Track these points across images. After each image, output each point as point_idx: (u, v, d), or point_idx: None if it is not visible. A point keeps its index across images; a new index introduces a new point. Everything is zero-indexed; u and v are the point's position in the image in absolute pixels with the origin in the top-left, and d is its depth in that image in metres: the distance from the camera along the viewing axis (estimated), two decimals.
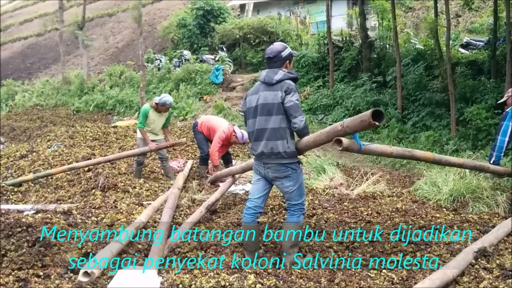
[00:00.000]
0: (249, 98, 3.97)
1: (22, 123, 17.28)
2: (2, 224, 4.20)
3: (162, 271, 3.68)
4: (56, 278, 3.43)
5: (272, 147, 3.74)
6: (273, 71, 3.78)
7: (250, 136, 3.99)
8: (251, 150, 4.01)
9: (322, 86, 13.47)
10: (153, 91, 17.06)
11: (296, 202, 3.87)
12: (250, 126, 3.96)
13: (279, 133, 3.73)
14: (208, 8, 19.49)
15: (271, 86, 3.76)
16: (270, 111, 3.74)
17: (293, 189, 3.83)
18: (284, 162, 3.77)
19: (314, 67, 14.20)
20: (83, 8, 21.56)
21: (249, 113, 3.96)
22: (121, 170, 7.57)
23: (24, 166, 8.23)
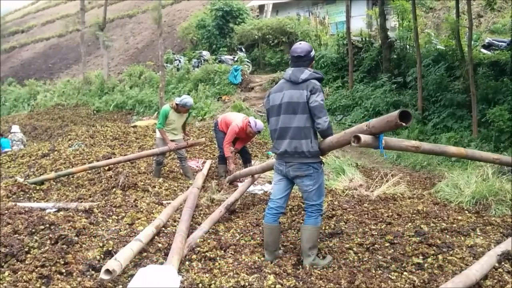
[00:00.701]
0: (272, 96, 3.93)
1: (43, 123, 17.56)
2: (25, 221, 4.27)
3: (182, 270, 3.70)
4: (78, 276, 3.47)
5: (296, 146, 3.72)
6: (299, 70, 3.76)
7: (272, 134, 3.95)
8: (273, 149, 3.97)
9: (341, 87, 13.40)
10: (172, 91, 17.18)
11: (314, 202, 3.84)
12: (272, 124, 3.92)
13: (303, 132, 3.70)
14: (227, 9, 19.54)
15: (296, 84, 3.73)
16: (295, 109, 3.71)
17: (313, 189, 3.80)
18: (306, 161, 3.74)
19: (333, 68, 14.13)
20: (104, 9, 21.82)
21: (272, 111, 3.92)
22: (141, 170, 7.63)
23: (46, 165, 8.36)
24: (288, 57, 17.59)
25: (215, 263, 3.84)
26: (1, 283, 3.29)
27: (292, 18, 18.97)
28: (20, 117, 19.77)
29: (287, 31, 17.94)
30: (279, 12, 22.24)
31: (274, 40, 18.36)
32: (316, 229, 3.89)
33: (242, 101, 14.61)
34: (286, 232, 4.68)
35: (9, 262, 3.59)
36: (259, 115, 13.23)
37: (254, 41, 18.96)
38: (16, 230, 4.12)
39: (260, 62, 18.66)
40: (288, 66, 15.67)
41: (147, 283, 3.20)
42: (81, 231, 4.28)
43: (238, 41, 19.35)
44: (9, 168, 9.22)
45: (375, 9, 15.01)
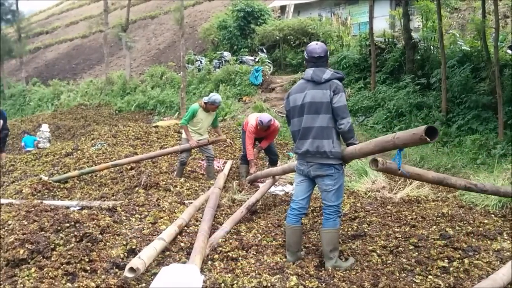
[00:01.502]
0: (293, 96, 3.92)
1: (67, 122, 17.86)
2: (51, 219, 4.33)
3: (204, 270, 3.71)
4: (102, 273, 3.50)
5: (318, 145, 3.71)
6: (321, 70, 3.75)
7: (295, 135, 3.93)
8: (295, 149, 3.95)
9: (363, 88, 13.29)
10: (193, 91, 17.29)
11: (332, 203, 3.81)
12: (295, 124, 3.91)
13: (326, 132, 3.70)
14: (249, 10, 19.57)
15: (319, 84, 3.72)
16: (318, 109, 3.70)
17: (333, 189, 3.78)
18: (328, 162, 3.73)
19: (355, 69, 14.02)
20: (127, 10, 22.09)
21: (293, 112, 3.91)
22: (162, 169, 7.68)
23: (69, 164, 8.49)
24: None
25: (237, 263, 3.84)
26: (28, 279, 3.34)
27: (314, 19, 18.90)
28: (44, 117, 20.15)
29: (309, 32, 17.87)
30: (300, 13, 22.17)
31: (295, 41, 18.31)
32: (335, 231, 3.86)
33: (263, 102, 14.60)
34: (308, 234, 4.66)
35: (35, 259, 3.64)
36: (279, 116, 13.20)
37: (275, 42, 18.94)
38: (42, 227, 4.19)
39: (281, 63, 18.63)
40: None
41: (170, 282, 3.21)
42: (105, 229, 4.33)
43: (259, 42, 19.36)
44: (33, 166, 9.39)
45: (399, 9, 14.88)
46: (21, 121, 20.72)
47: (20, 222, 4.40)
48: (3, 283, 3.36)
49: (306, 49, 3.90)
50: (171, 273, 3.31)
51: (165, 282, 3.21)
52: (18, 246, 3.73)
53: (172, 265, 3.49)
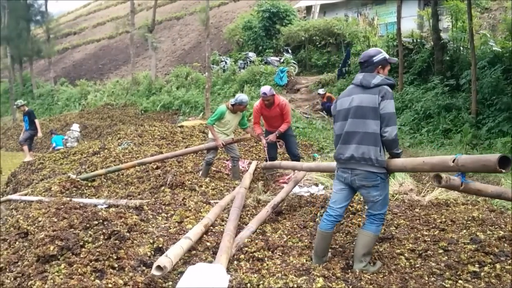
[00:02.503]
0: (340, 100, 3.84)
1: (93, 121, 18.17)
2: (80, 216, 4.39)
3: (230, 269, 3.70)
4: (129, 271, 3.53)
5: (364, 152, 3.58)
6: (371, 75, 3.66)
7: (337, 140, 3.82)
8: (337, 155, 3.80)
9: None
10: (218, 92, 17.37)
11: (378, 212, 3.73)
12: (338, 128, 3.81)
13: (373, 138, 3.57)
14: (274, 10, 19.57)
15: (368, 89, 3.61)
16: (365, 114, 3.59)
17: (379, 199, 3.68)
18: (373, 171, 3.60)
19: None
20: (153, 11, 22.33)
21: (338, 116, 3.82)
22: (188, 169, 7.71)
23: (96, 163, 8.62)
24: (335, 58, 17.63)
25: (263, 264, 3.82)
26: (58, 275, 3.39)
27: (340, 19, 18.77)
28: (72, 116, 20.55)
29: (335, 32, 17.75)
30: (326, 13, 22.05)
31: (321, 41, 18.22)
32: (374, 237, 3.79)
33: None
34: (334, 235, 4.60)
35: (65, 255, 3.69)
36: (305, 117, 13.16)
37: (301, 43, 18.88)
38: (71, 224, 4.25)
39: (306, 63, 18.56)
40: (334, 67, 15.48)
41: (197, 281, 3.21)
42: (133, 228, 4.37)
43: (284, 43, 19.33)
44: (61, 164, 9.57)
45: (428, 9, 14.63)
46: (49, 120, 21.19)
47: (50, 219, 4.48)
48: (34, 278, 3.42)
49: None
50: (198, 272, 3.31)
51: (191, 281, 3.21)
52: (48, 242, 3.79)
53: (198, 264, 3.49)
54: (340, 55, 17.17)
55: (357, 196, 5.76)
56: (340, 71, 15.20)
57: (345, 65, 15.06)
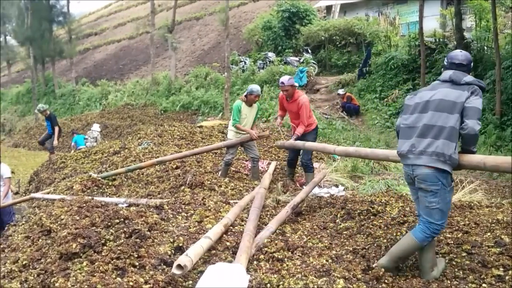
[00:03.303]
0: (421, 93, 3.64)
1: (114, 121, 18.39)
2: (102, 215, 4.43)
3: (250, 269, 3.69)
4: (150, 269, 3.55)
5: (438, 146, 3.35)
6: (463, 73, 3.48)
7: (406, 132, 3.59)
8: (408, 148, 3.51)
9: (412, 89, 12.94)
10: (237, 92, 17.40)
11: (433, 221, 3.45)
12: (413, 121, 3.55)
13: (450, 133, 3.34)
14: (294, 10, 19.51)
15: (457, 85, 3.43)
16: (448, 108, 3.37)
17: (436, 207, 3.42)
18: (442, 168, 3.35)
19: (403, 70, 13.68)
20: (173, 11, 22.49)
21: (414, 107, 3.59)
22: (207, 169, 7.73)
23: (117, 162, 8.71)
24: (356, 58, 17.49)
25: (282, 264, 3.80)
26: (80, 272, 3.42)
27: (360, 19, 18.62)
28: (92, 116, 20.83)
29: (355, 32, 17.61)
30: (347, 13, 21.90)
31: (341, 41, 18.11)
32: (417, 245, 3.53)
33: None
34: (354, 237, 4.56)
35: (87, 253, 3.73)
36: (324, 117, 13.08)
37: (321, 42, 18.78)
38: (93, 222, 4.29)
39: (326, 63, 18.47)
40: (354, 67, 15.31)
41: (217, 280, 3.21)
42: (153, 226, 4.39)
43: (304, 42, 19.26)
44: (83, 164, 9.71)
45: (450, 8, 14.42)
46: (71, 120, 21.51)
47: (73, 217, 4.53)
48: (56, 276, 3.46)
49: (447, 55, 3.67)
50: (218, 272, 3.30)
51: (211, 281, 3.21)
52: (70, 240, 3.84)
53: (218, 264, 3.48)
54: (361, 55, 17.04)
55: (377, 198, 5.71)
56: (360, 71, 15.08)
57: (365, 65, 14.93)
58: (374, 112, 13.06)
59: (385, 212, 5.06)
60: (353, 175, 7.38)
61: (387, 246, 4.08)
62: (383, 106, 13.09)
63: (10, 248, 4.76)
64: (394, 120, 12.11)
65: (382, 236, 4.37)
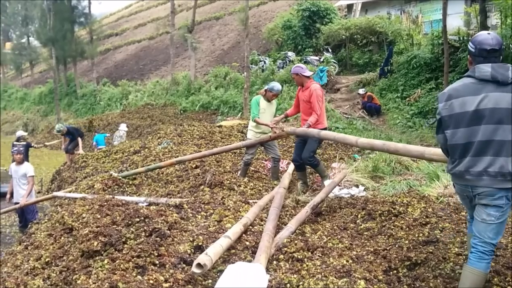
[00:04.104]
0: (459, 100, 2.98)
1: (134, 121, 18.58)
2: (123, 213, 4.47)
3: (269, 269, 3.68)
4: (170, 268, 3.56)
5: (502, 165, 2.87)
6: (503, 66, 2.92)
7: (457, 150, 3.03)
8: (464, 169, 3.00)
9: (435, 89, 12.73)
10: (256, 92, 17.34)
11: (488, 240, 3.00)
12: (459, 136, 2.98)
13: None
14: (314, 9, 19.38)
15: (505, 86, 2.88)
16: (505, 118, 2.86)
17: (494, 222, 2.97)
18: (504, 187, 2.91)
19: (426, 68, 13.47)
20: (193, 12, 22.57)
21: (458, 120, 2.97)
22: (226, 168, 7.75)
23: (137, 161, 8.79)
24: (377, 57, 17.31)
25: (302, 264, 3.78)
26: (101, 270, 3.46)
27: (382, 17, 18.37)
28: (113, 116, 21.08)
29: (377, 31, 17.40)
30: (368, 11, 21.68)
31: (362, 40, 17.91)
32: (484, 275, 3.08)
33: (327, 102, 14.38)
34: (375, 238, 4.50)
35: (108, 251, 3.77)
36: (345, 117, 12.98)
37: (341, 41, 18.62)
38: (114, 221, 4.33)
39: (347, 62, 18.31)
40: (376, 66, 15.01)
41: (236, 280, 3.20)
42: (173, 225, 4.41)
43: (324, 42, 19.12)
44: (104, 163, 9.83)
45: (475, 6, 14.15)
46: (92, 119, 21.80)
47: (94, 215, 4.58)
48: (78, 273, 3.50)
49: (473, 40, 3.05)
50: (237, 271, 3.30)
51: (231, 280, 3.20)
52: (92, 238, 3.88)
53: (238, 263, 3.48)
54: (382, 54, 16.84)
55: (399, 198, 5.62)
56: (382, 70, 14.91)
57: (387, 64, 14.76)
58: (396, 112, 12.90)
59: (407, 213, 4.98)
60: (374, 176, 7.29)
61: (409, 248, 4.02)
62: (405, 106, 12.92)
63: (33, 246, 4.84)
64: (416, 120, 11.95)
65: (404, 237, 4.30)
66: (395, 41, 16.85)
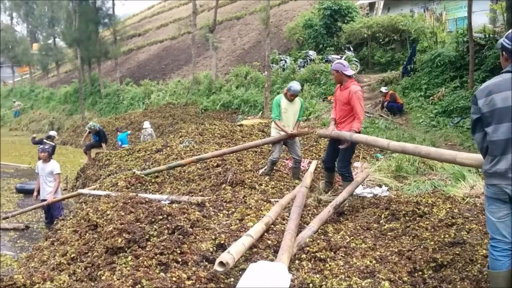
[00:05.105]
0: (499, 95, 2.89)
1: (156, 120, 18.73)
2: (146, 211, 4.51)
3: (291, 269, 3.66)
4: (192, 265, 3.58)
5: None
6: None
7: (498, 147, 2.90)
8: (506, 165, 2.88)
9: (459, 87, 12.48)
10: (277, 91, 17.32)
11: None
12: (503, 132, 2.86)
13: None
14: (336, 8, 19.23)
15: None
16: None
17: None
18: None
19: (450, 67, 13.21)
20: (214, 11, 22.63)
21: (502, 114, 2.86)
22: (247, 167, 7.74)
23: (159, 159, 8.86)
24: (400, 56, 17.07)
25: (325, 264, 3.75)
26: (125, 266, 3.49)
27: (405, 15, 18.11)
28: (136, 115, 21.30)
29: (399, 29, 17.15)
30: (390, 9, 21.40)
31: (384, 38, 17.69)
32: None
33: None
34: (400, 238, 4.44)
35: (131, 248, 3.80)
36: (366, 116, 12.83)
37: (363, 40, 18.42)
38: (138, 218, 4.37)
39: (368, 61, 18.12)
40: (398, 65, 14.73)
41: (258, 278, 3.19)
42: (195, 223, 4.43)
43: (345, 40, 18.96)
44: (127, 161, 9.94)
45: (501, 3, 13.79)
46: (115, 118, 22.09)
47: (118, 212, 4.63)
48: (103, 269, 3.54)
49: (508, 36, 2.98)
50: (259, 270, 3.29)
51: (253, 279, 3.20)
52: (116, 235, 3.92)
53: (260, 262, 3.47)
54: (405, 52, 16.60)
55: (423, 199, 5.53)
56: (405, 68, 14.69)
57: (410, 62, 14.53)
58: (419, 111, 12.69)
59: (431, 214, 4.91)
60: (397, 175, 7.20)
61: (435, 249, 3.95)
62: (428, 105, 12.70)
63: (59, 242, 4.92)
64: (440, 119, 11.73)
65: (429, 238, 4.24)
66: (418, 39, 16.59)
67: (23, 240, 8.01)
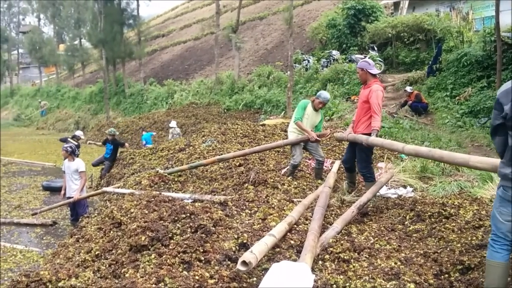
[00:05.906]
0: None
1: (179, 119, 18.87)
2: (169, 209, 4.54)
3: (315, 269, 3.63)
4: (215, 264, 3.58)
5: None
6: None
7: None
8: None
9: (487, 87, 12.22)
10: (299, 91, 17.28)
11: None
12: None
13: None
14: (360, 7, 19.05)
15: None
16: None
17: None
18: None
19: (477, 66, 12.94)
20: (237, 12, 22.70)
21: None
22: (270, 167, 7.73)
23: (182, 159, 8.91)
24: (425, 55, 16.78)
25: (349, 265, 3.70)
26: (149, 264, 3.51)
27: (431, 14, 17.82)
28: (159, 114, 21.51)
29: (425, 28, 16.88)
30: (415, 9, 21.09)
31: (409, 38, 17.43)
32: None
33: None
34: (425, 240, 4.36)
35: (155, 246, 3.83)
36: (391, 116, 12.68)
37: (387, 40, 18.19)
38: (161, 217, 4.40)
39: (393, 61, 17.89)
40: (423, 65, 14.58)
41: (281, 278, 3.17)
42: (218, 222, 4.43)
43: (369, 40, 18.76)
44: (150, 160, 10.03)
45: None
46: (139, 118, 22.35)
47: (142, 211, 4.67)
48: (126, 267, 3.58)
49: None
50: (282, 270, 3.27)
51: (276, 279, 3.18)
52: (140, 233, 3.95)
53: (283, 262, 3.45)
54: (430, 52, 16.33)
55: (449, 200, 5.42)
56: (430, 68, 14.46)
57: (435, 62, 14.29)
58: (445, 111, 12.48)
59: (458, 215, 4.81)
60: (422, 176, 7.08)
61: (461, 251, 3.87)
62: (454, 105, 12.47)
63: (84, 239, 4.99)
64: (467, 119, 11.51)
65: (455, 240, 4.15)
66: (444, 38, 16.30)
67: (49, 237, 8.18)
